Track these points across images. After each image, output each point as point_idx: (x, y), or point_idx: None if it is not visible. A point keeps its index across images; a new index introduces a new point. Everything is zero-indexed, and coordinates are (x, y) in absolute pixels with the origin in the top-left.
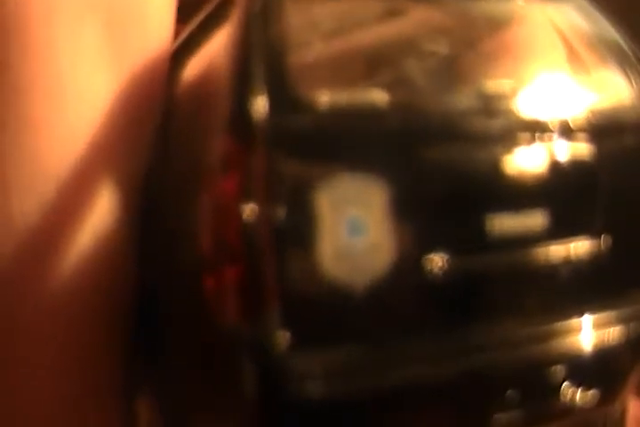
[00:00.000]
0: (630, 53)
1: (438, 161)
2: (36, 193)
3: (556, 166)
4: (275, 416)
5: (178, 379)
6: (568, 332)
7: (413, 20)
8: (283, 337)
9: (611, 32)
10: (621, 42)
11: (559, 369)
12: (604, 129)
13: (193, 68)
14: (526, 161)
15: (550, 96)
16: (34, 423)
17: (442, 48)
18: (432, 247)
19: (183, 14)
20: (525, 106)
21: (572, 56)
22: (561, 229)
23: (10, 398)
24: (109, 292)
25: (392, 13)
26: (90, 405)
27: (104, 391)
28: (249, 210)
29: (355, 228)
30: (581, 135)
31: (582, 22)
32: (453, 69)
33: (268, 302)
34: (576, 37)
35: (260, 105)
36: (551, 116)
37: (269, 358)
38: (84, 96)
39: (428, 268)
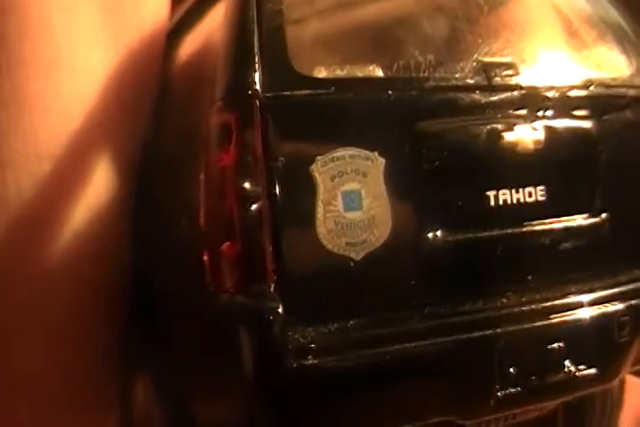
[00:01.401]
0: (629, 30)
1: (437, 135)
2: (30, 171)
3: (555, 141)
4: (271, 387)
5: (176, 355)
6: (568, 309)
7: None
8: (279, 311)
9: (610, 10)
10: (620, 19)
11: (560, 346)
12: (603, 103)
13: (189, 44)
14: (526, 136)
15: (550, 71)
16: (30, 395)
17: (441, 24)
18: (430, 222)
19: None
20: (524, 81)
21: (571, 33)
22: (561, 204)
23: (8, 369)
24: (105, 267)
25: None
26: (86, 379)
27: (101, 366)
28: (245, 184)
29: (351, 202)
30: (580, 109)
31: (582, 2)
32: (453, 45)
33: (266, 276)
34: (575, 15)
35: (258, 79)
36: (550, 91)
37: (266, 331)
38: (80, 72)
39: (426, 242)
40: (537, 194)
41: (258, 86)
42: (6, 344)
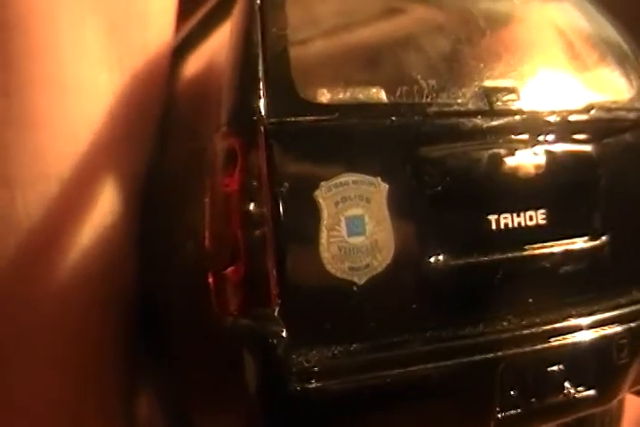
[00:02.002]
0: (630, 51)
1: (439, 160)
2: (39, 191)
3: (556, 165)
4: (275, 410)
5: (180, 373)
6: (568, 332)
7: (414, 19)
8: (283, 334)
9: (610, 30)
10: (621, 40)
11: (560, 369)
12: (604, 127)
13: (194, 65)
14: (527, 160)
15: (551, 95)
16: (34, 412)
17: (443, 46)
18: (432, 246)
19: (185, 10)
20: (526, 105)
21: (572, 54)
22: (562, 228)
23: (11, 388)
24: (111, 286)
25: (393, 12)
26: (93, 393)
27: (105, 383)
28: (249, 208)
29: (355, 227)
30: (581, 133)
31: (582, 21)
32: (455, 70)
33: (270, 300)
34: (576, 35)
35: (262, 105)
36: (551, 115)
37: (270, 354)
38: (86, 93)
39: (428, 267)
40: (538, 218)
41: (262, 112)
42: (12, 361)
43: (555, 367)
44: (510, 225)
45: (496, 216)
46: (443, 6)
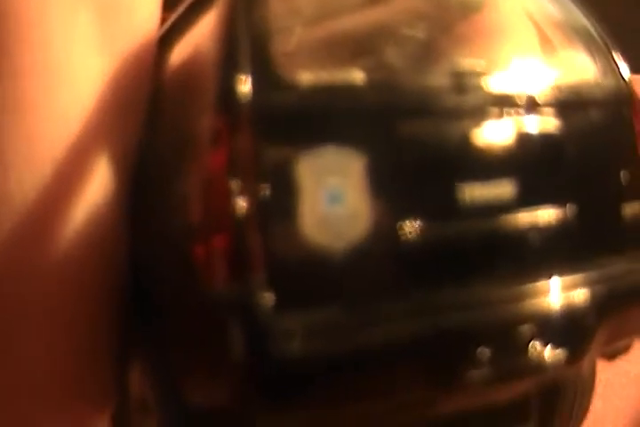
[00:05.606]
0: (596, 35)
1: (413, 134)
2: (33, 172)
3: (523, 139)
4: (260, 374)
5: (169, 342)
6: (537, 293)
7: (393, 6)
8: (267, 299)
9: (579, 16)
10: (588, 25)
11: (528, 328)
12: (569, 104)
13: (180, 51)
14: (496, 134)
15: (519, 74)
16: (36, 383)
17: (419, 32)
18: (407, 215)
19: (170, 1)
20: (495, 83)
21: (541, 38)
22: (529, 197)
23: (13, 361)
24: (104, 261)
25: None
26: (85, 367)
27: (99, 352)
28: (235, 182)
29: (334, 197)
30: (548, 110)
31: (552, 7)
32: (429, 51)
33: (254, 267)
34: (545, 21)
35: (246, 84)
36: (519, 92)
37: (255, 318)
38: (77, 79)
39: (403, 234)
40: (507, 188)
41: (246, 91)
42: (8, 337)
43: (524, 327)
44: (481, 194)
45: (467, 186)
46: None
